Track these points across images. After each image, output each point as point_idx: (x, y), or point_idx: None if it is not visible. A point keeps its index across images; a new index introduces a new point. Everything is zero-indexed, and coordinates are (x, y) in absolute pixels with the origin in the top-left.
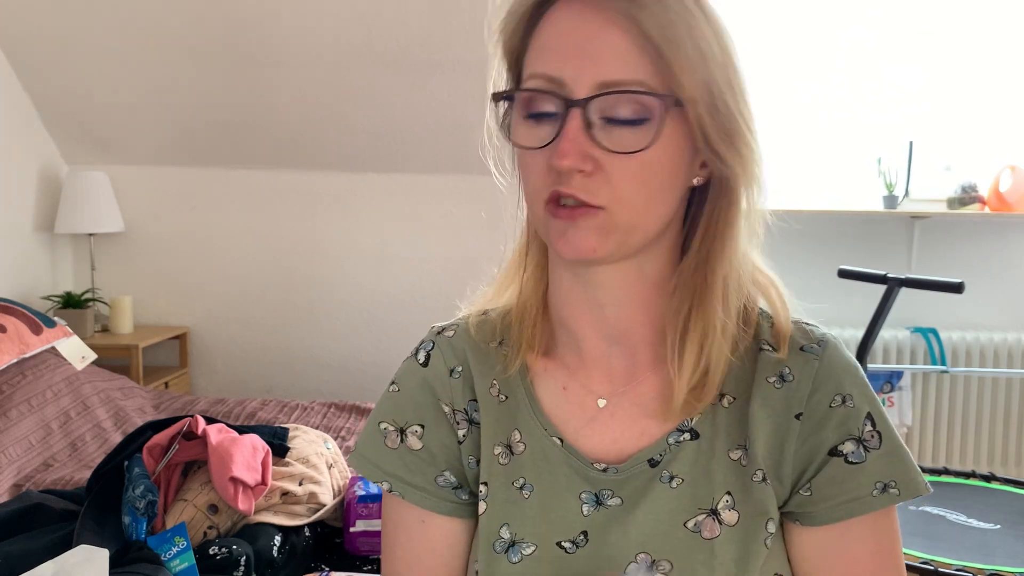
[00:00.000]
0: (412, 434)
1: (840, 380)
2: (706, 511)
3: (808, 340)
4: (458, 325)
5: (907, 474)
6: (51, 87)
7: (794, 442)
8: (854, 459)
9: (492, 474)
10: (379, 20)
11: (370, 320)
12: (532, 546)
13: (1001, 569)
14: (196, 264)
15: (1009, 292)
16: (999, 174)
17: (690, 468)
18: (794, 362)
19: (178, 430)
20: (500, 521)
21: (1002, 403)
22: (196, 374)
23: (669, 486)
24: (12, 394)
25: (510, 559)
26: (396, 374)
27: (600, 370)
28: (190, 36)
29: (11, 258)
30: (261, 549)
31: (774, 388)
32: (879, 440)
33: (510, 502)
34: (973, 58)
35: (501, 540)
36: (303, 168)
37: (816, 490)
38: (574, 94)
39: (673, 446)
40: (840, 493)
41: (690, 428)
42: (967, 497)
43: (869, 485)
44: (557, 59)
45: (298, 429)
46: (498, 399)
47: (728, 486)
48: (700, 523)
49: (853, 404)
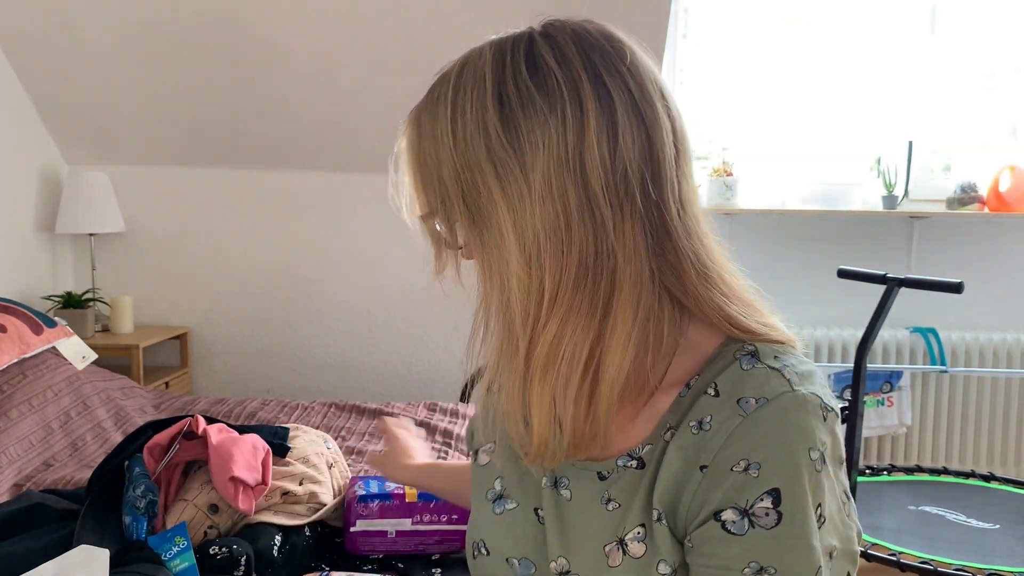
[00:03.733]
0: None
1: (756, 445)
2: (617, 539)
3: (755, 394)
4: None
5: (793, 566)
6: (51, 87)
7: (692, 491)
8: (733, 529)
9: (502, 435)
10: (379, 20)
11: (370, 320)
12: (514, 503)
13: (1000, 569)
14: (196, 264)
15: (1009, 292)
16: (999, 174)
17: (626, 495)
18: (721, 412)
19: (179, 430)
20: (496, 474)
21: (1001, 403)
22: (196, 374)
23: (606, 508)
24: (13, 394)
25: (495, 509)
26: None
27: None
28: (190, 36)
29: (12, 258)
30: (261, 549)
31: (691, 433)
32: (776, 520)
33: (508, 459)
34: (973, 58)
35: (493, 490)
36: (302, 168)
37: (695, 545)
38: None
39: (620, 469)
40: (713, 556)
41: (639, 456)
42: (966, 497)
43: (742, 561)
44: None
45: (298, 429)
46: None
47: (643, 519)
48: (611, 549)
49: (757, 474)
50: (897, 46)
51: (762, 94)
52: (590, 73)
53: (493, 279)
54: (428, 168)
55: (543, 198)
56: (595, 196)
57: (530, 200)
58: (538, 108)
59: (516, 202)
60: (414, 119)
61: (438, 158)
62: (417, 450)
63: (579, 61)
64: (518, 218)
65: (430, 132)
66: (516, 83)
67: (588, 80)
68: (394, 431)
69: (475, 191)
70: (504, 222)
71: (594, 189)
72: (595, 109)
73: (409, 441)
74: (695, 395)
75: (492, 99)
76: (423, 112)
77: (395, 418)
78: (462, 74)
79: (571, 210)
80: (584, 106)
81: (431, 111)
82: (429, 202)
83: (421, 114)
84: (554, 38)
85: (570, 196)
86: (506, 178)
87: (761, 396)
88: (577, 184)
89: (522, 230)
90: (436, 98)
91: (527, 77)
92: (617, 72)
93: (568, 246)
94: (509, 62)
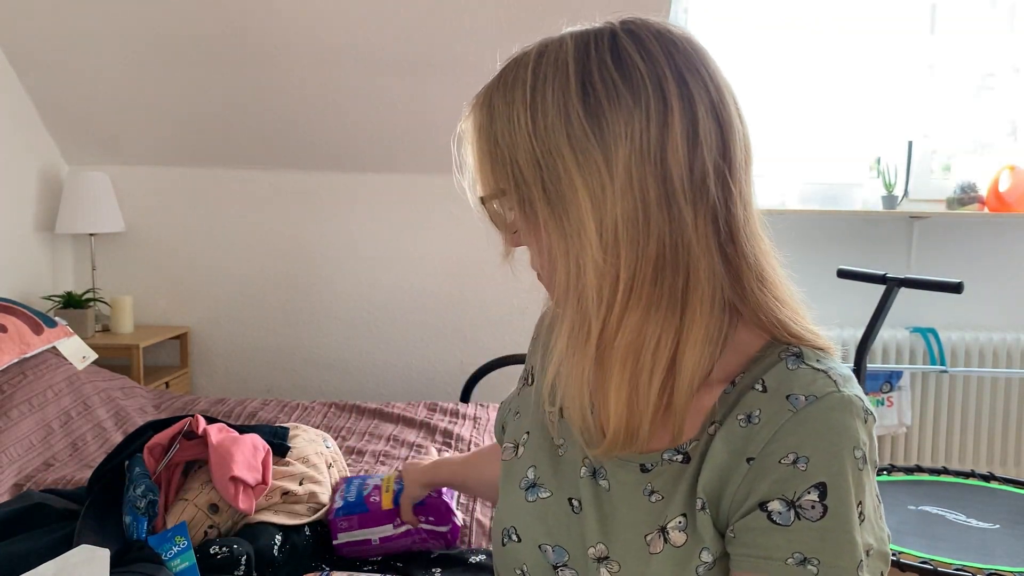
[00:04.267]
0: (521, 378)
1: (804, 439)
2: (659, 528)
3: (804, 391)
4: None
5: (836, 559)
6: (51, 87)
7: (738, 482)
8: (778, 520)
9: (537, 425)
10: (379, 20)
11: (370, 320)
12: (549, 492)
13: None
14: (197, 264)
15: (1008, 292)
16: (998, 174)
17: (669, 487)
18: (769, 407)
19: (179, 430)
20: (529, 463)
21: (1001, 403)
22: (197, 374)
23: (649, 499)
24: (13, 394)
25: (527, 496)
26: None
27: None
28: (190, 36)
29: (12, 258)
30: (262, 548)
31: (739, 426)
32: (821, 513)
33: (541, 449)
34: (973, 58)
35: (526, 479)
36: (303, 168)
37: (738, 534)
38: None
39: (665, 462)
40: (755, 546)
41: (685, 451)
42: (966, 497)
43: (786, 552)
44: None
45: (297, 428)
46: None
47: (685, 508)
48: (652, 537)
49: (805, 468)
50: (897, 46)
51: (762, 94)
52: (673, 71)
53: (567, 264)
54: (501, 151)
55: (624, 189)
56: (674, 191)
57: (611, 190)
58: (623, 100)
59: (597, 191)
60: (484, 102)
61: (514, 141)
62: (431, 455)
63: (663, 58)
64: (597, 206)
65: (505, 115)
66: (601, 74)
67: (672, 77)
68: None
69: (555, 177)
70: (583, 209)
71: (674, 184)
72: (679, 106)
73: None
74: (741, 391)
75: (576, 87)
76: (495, 95)
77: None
78: (541, 61)
79: (650, 203)
80: (668, 102)
81: (506, 95)
82: (498, 184)
83: (493, 97)
84: (637, 34)
85: (650, 189)
86: (587, 166)
87: (810, 394)
88: (658, 178)
89: (601, 218)
90: (511, 82)
91: (612, 69)
92: (698, 72)
93: (646, 238)
94: (594, 53)
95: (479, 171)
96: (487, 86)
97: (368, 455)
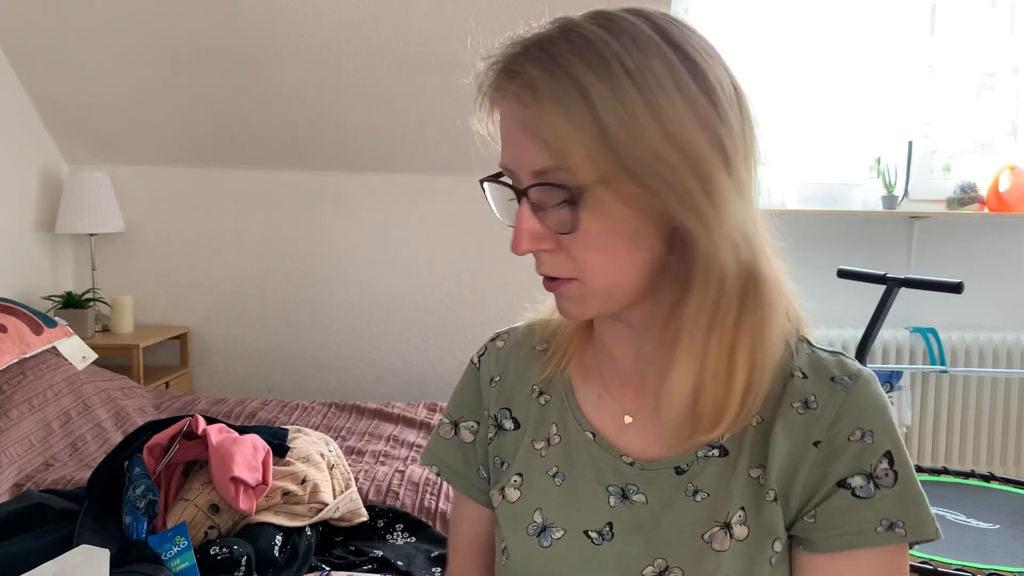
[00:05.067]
0: (465, 428)
1: (863, 415)
2: (720, 524)
3: (842, 372)
4: (509, 333)
5: (917, 516)
6: (51, 87)
7: (808, 468)
8: (861, 493)
9: (529, 466)
10: (379, 20)
11: (370, 320)
12: (561, 531)
13: (1000, 569)
14: (196, 264)
15: (1008, 292)
16: (998, 174)
17: (714, 483)
18: (821, 391)
19: (178, 430)
20: (534, 506)
21: (1001, 403)
22: (196, 374)
23: (693, 499)
24: (13, 394)
25: (541, 543)
26: (463, 374)
27: (632, 387)
28: (190, 36)
29: (12, 258)
30: (262, 549)
31: (797, 413)
32: (894, 479)
33: (544, 489)
34: (973, 58)
35: (534, 524)
36: (303, 168)
37: (820, 518)
38: (519, 183)
39: (701, 459)
40: (843, 524)
41: (720, 445)
42: (966, 497)
43: (875, 521)
44: (504, 150)
45: (299, 430)
46: (539, 401)
47: (744, 502)
48: (713, 535)
49: (872, 440)
50: (897, 46)
51: (762, 94)
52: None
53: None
54: (611, 135)
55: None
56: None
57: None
58: (711, 66)
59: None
60: (564, 73)
61: (634, 126)
62: None
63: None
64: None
65: (609, 95)
66: (689, 42)
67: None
68: None
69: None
70: (726, 194)
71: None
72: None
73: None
74: (782, 381)
75: (677, 61)
76: (578, 68)
77: None
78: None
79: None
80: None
81: (597, 71)
82: (596, 169)
83: (575, 69)
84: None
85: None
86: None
87: (849, 374)
88: (749, 169)
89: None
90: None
91: (689, 31)
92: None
93: (756, 232)
94: (669, 27)
95: (557, 148)
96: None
97: (368, 455)
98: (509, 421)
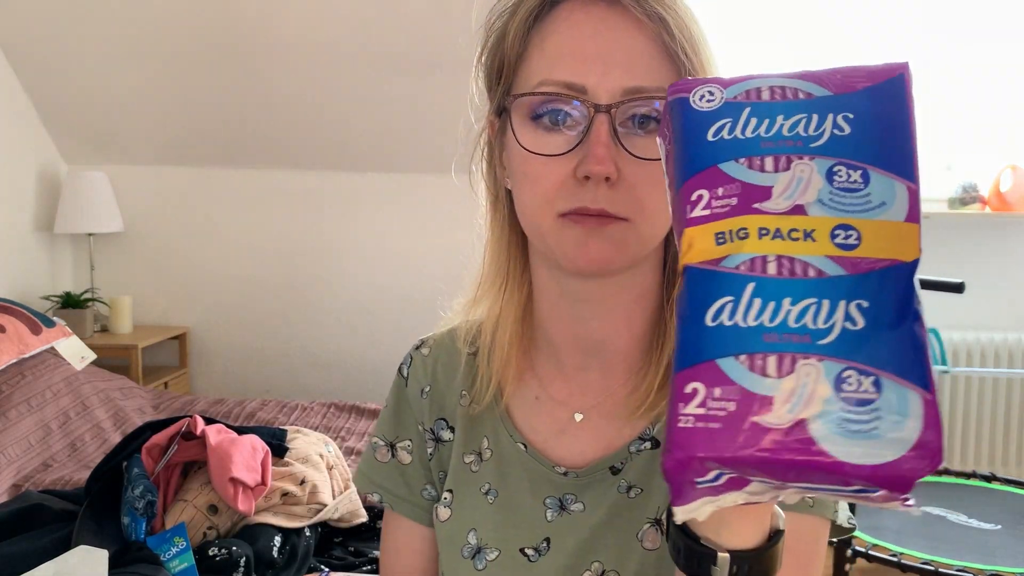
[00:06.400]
0: (403, 449)
1: None
2: (651, 521)
3: None
4: (434, 339)
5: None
6: (51, 87)
7: None
8: None
9: (460, 481)
10: (379, 20)
11: (370, 320)
12: (496, 551)
13: (1002, 569)
14: (196, 264)
15: (1009, 292)
16: (1000, 174)
17: (645, 477)
18: None
19: (177, 430)
20: (467, 527)
21: (1003, 403)
22: (196, 374)
23: (628, 496)
24: (11, 394)
25: (476, 565)
26: (390, 389)
27: (575, 383)
28: (190, 36)
29: (11, 258)
30: (261, 550)
31: None
32: None
33: (475, 508)
34: (973, 57)
35: (468, 546)
36: (303, 168)
37: None
38: (600, 99)
39: (634, 454)
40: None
41: (651, 436)
42: (968, 497)
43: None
44: (578, 65)
45: (299, 431)
46: (469, 410)
47: None
48: (645, 533)
49: None
50: (897, 46)
51: None
52: None
53: None
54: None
55: None
56: None
57: None
58: None
59: None
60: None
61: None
62: None
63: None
64: None
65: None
66: None
67: None
68: None
69: None
70: None
71: None
72: None
73: None
74: None
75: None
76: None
77: None
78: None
79: None
80: None
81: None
82: None
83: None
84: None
85: None
86: None
87: None
88: None
89: None
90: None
91: None
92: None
93: None
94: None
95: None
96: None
97: None
98: (447, 431)
